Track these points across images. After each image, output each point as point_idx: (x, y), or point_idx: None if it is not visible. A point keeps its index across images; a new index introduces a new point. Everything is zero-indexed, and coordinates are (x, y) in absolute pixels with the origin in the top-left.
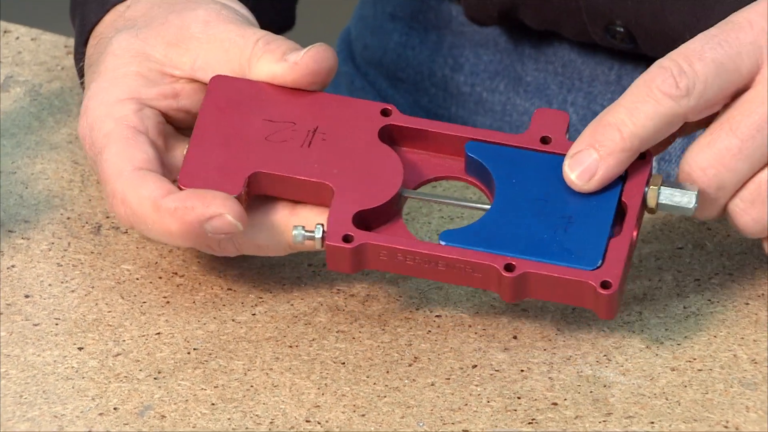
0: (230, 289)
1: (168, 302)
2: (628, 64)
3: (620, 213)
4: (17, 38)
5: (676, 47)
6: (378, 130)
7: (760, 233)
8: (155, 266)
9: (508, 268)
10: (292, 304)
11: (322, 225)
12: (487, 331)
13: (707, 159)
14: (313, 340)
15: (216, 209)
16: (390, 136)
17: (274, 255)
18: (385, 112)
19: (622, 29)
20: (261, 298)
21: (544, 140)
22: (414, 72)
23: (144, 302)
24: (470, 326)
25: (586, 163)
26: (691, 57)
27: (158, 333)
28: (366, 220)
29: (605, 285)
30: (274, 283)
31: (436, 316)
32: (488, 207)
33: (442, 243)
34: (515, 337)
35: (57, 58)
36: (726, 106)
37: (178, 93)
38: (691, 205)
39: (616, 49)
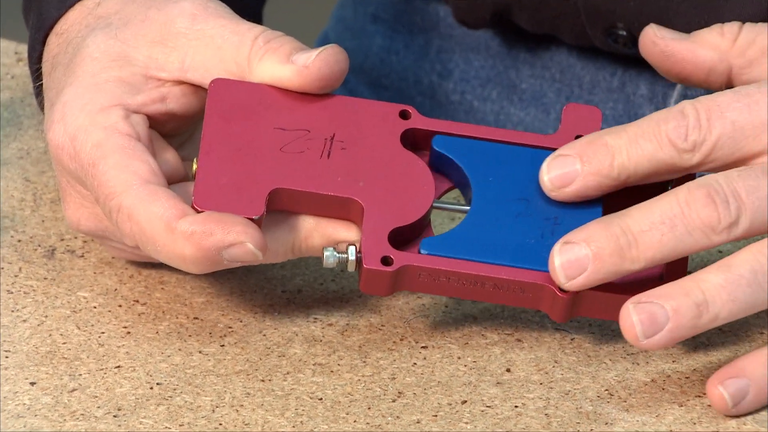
0: (197, 318)
1: (129, 333)
2: (631, 69)
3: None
4: None
5: None
6: (399, 135)
7: None
8: (114, 293)
9: (563, 288)
10: (264, 335)
11: (356, 246)
12: (478, 364)
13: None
14: (288, 373)
15: (237, 236)
16: (411, 140)
17: (273, 261)
18: (404, 114)
19: (624, 32)
20: (230, 327)
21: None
22: (398, 78)
23: (102, 333)
24: (459, 358)
25: (566, 171)
26: (713, 112)
27: (118, 366)
28: (399, 236)
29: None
30: (245, 311)
31: (422, 347)
32: (466, 209)
33: (423, 252)
34: (509, 370)
35: (6, 66)
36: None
37: (165, 97)
38: None
39: (618, 53)
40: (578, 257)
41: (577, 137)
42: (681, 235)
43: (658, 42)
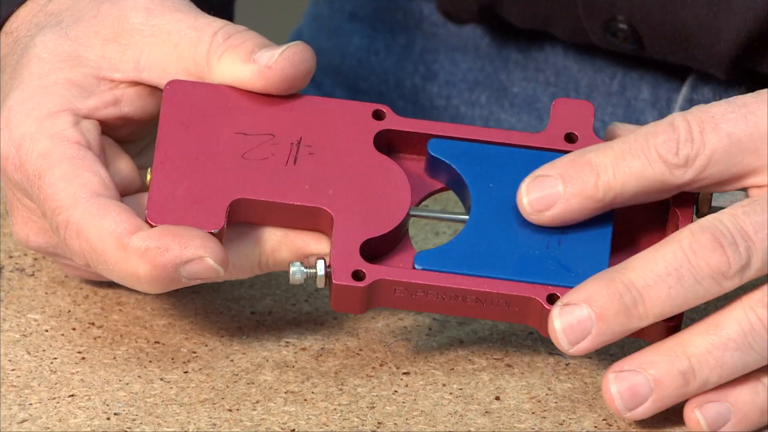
0: (158, 342)
1: (83, 358)
2: (632, 72)
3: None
4: None
5: (688, 48)
6: (373, 137)
7: None
8: (68, 315)
9: (552, 300)
10: (231, 360)
11: (325, 260)
12: (465, 391)
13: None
14: (257, 402)
15: (195, 251)
16: (386, 142)
17: (238, 277)
18: (377, 115)
19: (624, 26)
20: (195, 352)
21: (570, 138)
22: (378, 81)
23: (55, 358)
24: (444, 385)
25: (547, 192)
26: (706, 123)
27: (72, 395)
28: (372, 248)
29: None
30: (210, 335)
31: (404, 373)
32: (465, 218)
33: (418, 267)
34: (498, 398)
35: None
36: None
37: (119, 99)
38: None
39: (617, 51)
40: (580, 320)
41: (567, 135)
42: (690, 285)
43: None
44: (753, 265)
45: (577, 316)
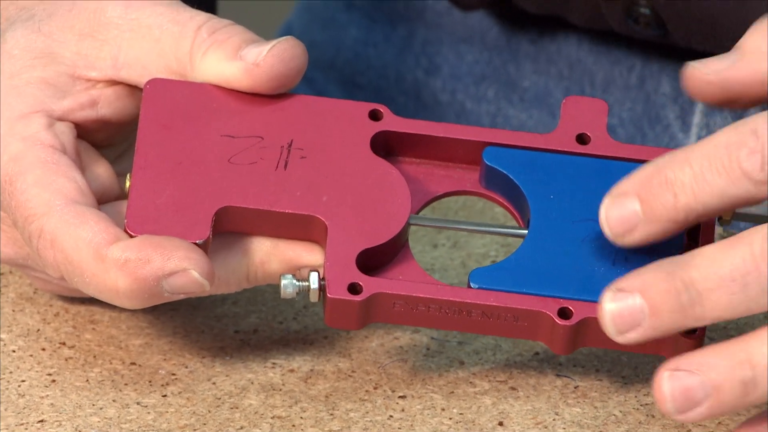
0: (134, 364)
1: (54, 381)
2: (652, 63)
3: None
4: None
5: (716, 36)
6: (370, 139)
7: None
8: (37, 334)
9: (564, 314)
10: (214, 383)
11: (318, 272)
12: (466, 416)
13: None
14: (242, 428)
15: (178, 263)
16: (384, 145)
17: (223, 292)
18: (374, 115)
19: (647, 11)
20: (174, 374)
21: (582, 139)
22: (376, 76)
23: (23, 381)
24: (443, 410)
25: (626, 215)
26: None
27: (41, 420)
28: (369, 259)
29: (689, 330)
30: (191, 355)
31: (400, 396)
32: (524, 233)
33: (474, 286)
34: (501, 424)
35: None
36: None
37: (96, 100)
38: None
39: (637, 40)
40: (632, 310)
41: (579, 136)
42: (755, 295)
43: (710, 77)
44: None
45: (629, 305)
